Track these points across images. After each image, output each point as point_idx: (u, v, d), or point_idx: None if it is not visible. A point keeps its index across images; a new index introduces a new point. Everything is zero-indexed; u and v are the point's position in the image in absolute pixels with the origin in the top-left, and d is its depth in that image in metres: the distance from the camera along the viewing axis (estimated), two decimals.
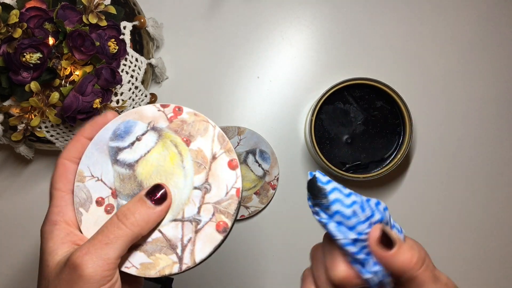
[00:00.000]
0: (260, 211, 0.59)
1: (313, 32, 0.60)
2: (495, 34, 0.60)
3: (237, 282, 0.59)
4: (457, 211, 0.60)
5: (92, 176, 0.36)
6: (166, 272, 0.35)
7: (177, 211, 0.35)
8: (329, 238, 0.32)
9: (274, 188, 0.59)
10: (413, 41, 0.60)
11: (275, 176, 0.59)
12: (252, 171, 0.58)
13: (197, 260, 0.35)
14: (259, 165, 0.58)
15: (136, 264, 0.35)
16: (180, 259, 0.35)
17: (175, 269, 0.34)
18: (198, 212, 0.35)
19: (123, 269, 0.34)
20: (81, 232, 0.35)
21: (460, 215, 0.60)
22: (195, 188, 0.36)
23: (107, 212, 0.36)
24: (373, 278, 0.30)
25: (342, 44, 0.60)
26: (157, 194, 0.35)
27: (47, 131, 0.51)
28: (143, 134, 0.36)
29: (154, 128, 0.37)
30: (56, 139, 0.52)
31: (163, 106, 0.37)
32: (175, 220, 0.35)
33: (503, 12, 0.61)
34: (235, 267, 0.59)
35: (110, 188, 0.36)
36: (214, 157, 0.36)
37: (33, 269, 0.59)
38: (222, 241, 0.35)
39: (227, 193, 0.35)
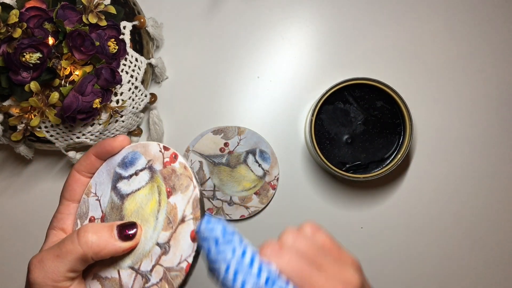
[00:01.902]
0: (260, 211, 0.59)
1: (313, 32, 0.60)
2: (495, 34, 0.60)
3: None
4: (457, 211, 0.60)
5: (95, 194, 0.37)
6: None
7: (137, 260, 0.34)
8: None
9: (274, 188, 0.59)
10: (413, 41, 0.60)
11: (275, 176, 0.59)
12: (252, 171, 0.58)
13: None
14: (259, 165, 0.58)
15: None
16: None
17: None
18: (151, 271, 0.34)
19: None
20: None
21: (460, 215, 0.60)
22: (157, 244, 0.34)
23: None
24: None
25: (342, 44, 0.60)
26: (127, 231, 0.34)
27: (47, 131, 0.51)
28: (141, 170, 0.36)
29: (150, 168, 0.36)
30: (56, 139, 0.52)
31: (165, 148, 0.36)
32: (132, 268, 0.34)
33: (504, 12, 0.60)
34: None
35: (102, 212, 0.36)
36: (183, 220, 0.34)
37: None
38: None
39: (178, 263, 0.33)
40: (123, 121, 0.54)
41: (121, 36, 0.51)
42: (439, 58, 0.60)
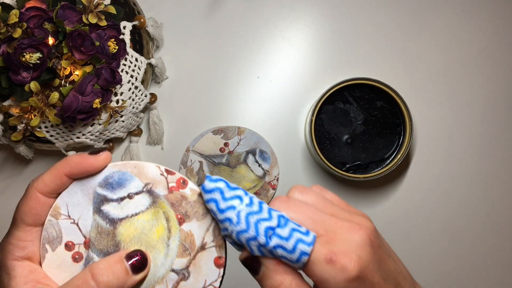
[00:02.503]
0: None
1: (313, 32, 0.60)
2: (495, 34, 0.60)
3: (237, 282, 0.59)
4: (457, 211, 0.60)
5: (69, 217, 0.33)
6: None
7: (146, 287, 0.33)
8: None
9: (274, 188, 0.59)
10: (413, 41, 0.60)
11: (275, 176, 0.59)
12: (252, 171, 0.58)
13: None
14: (259, 165, 0.58)
15: None
16: None
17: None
18: None
19: None
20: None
21: (460, 215, 0.60)
22: (173, 270, 0.33)
23: (74, 259, 0.33)
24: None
25: (342, 44, 0.60)
26: (137, 261, 0.32)
27: (47, 131, 0.51)
28: (136, 194, 0.33)
29: (150, 192, 0.33)
30: (56, 139, 0.52)
31: (168, 172, 0.34)
32: None
33: (503, 12, 0.60)
34: (234, 267, 0.59)
35: (84, 236, 0.33)
36: (203, 247, 0.33)
37: None
38: None
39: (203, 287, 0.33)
40: (123, 121, 0.54)
41: (121, 36, 0.51)
42: (439, 58, 0.60)
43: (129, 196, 0.33)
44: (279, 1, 0.60)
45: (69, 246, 0.33)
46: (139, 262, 0.32)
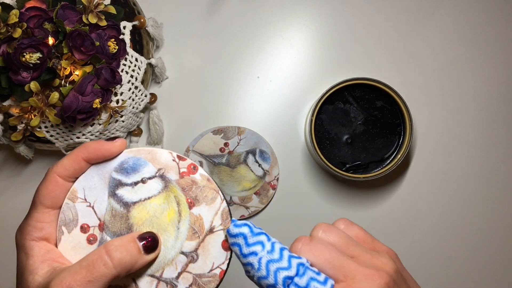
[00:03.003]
0: (260, 211, 0.59)
1: (313, 32, 0.60)
2: (495, 34, 0.60)
3: (237, 282, 0.59)
4: (457, 211, 0.60)
5: (85, 200, 0.35)
6: None
7: (157, 268, 0.34)
8: None
9: (274, 188, 0.59)
10: (413, 41, 0.60)
11: (275, 176, 0.59)
12: (252, 171, 0.58)
13: None
14: (259, 165, 0.58)
15: None
16: None
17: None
18: (177, 278, 0.34)
19: None
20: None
21: (460, 215, 0.60)
22: (182, 253, 0.35)
23: (89, 241, 0.34)
24: None
25: (342, 44, 0.60)
26: (148, 241, 0.33)
27: (47, 131, 0.51)
28: (149, 178, 0.35)
29: (162, 177, 0.35)
30: (56, 139, 0.52)
31: (180, 158, 0.35)
32: (152, 275, 0.34)
33: (503, 13, 0.60)
34: (234, 267, 0.59)
35: (99, 219, 0.34)
36: (211, 230, 0.35)
37: None
38: None
39: (211, 270, 0.35)
40: (123, 121, 0.54)
41: (121, 36, 0.51)
42: (439, 58, 0.60)
43: (143, 181, 0.35)
44: (279, 1, 0.60)
45: (84, 229, 0.35)
46: (151, 243, 0.33)
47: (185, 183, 0.35)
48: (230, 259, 0.35)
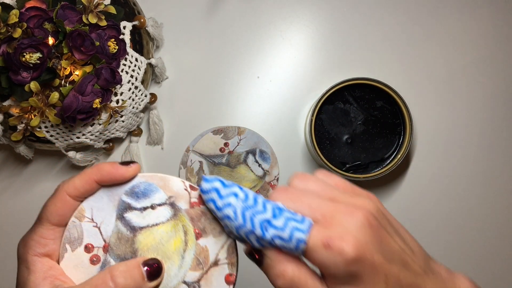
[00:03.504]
0: None
1: (313, 32, 0.60)
2: (495, 34, 0.60)
3: (237, 282, 0.59)
4: (457, 211, 0.60)
5: (92, 220, 0.34)
6: None
7: None
8: None
9: (274, 188, 0.59)
10: (413, 41, 0.60)
11: (275, 176, 0.59)
12: (252, 171, 0.58)
13: None
14: (259, 165, 0.58)
15: None
16: None
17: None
18: None
19: None
20: None
21: (460, 215, 0.60)
22: (184, 282, 0.34)
23: (92, 262, 0.34)
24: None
25: (342, 44, 0.60)
26: (153, 268, 0.33)
27: (47, 131, 0.51)
28: (159, 205, 0.34)
29: (172, 205, 0.35)
30: (56, 139, 0.52)
31: (192, 188, 0.35)
32: None
33: (503, 13, 0.60)
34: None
35: (104, 241, 0.34)
36: (216, 263, 0.35)
37: None
38: None
39: None
40: (123, 121, 0.54)
41: (121, 36, 0.51)
42: (439, 58, 0.60)
43: (152, 207, 0.34)
44: (279, 1, 0.60)
45: (88, 248, 0.34)
46: (155, 270, 0.33)
47: (195, 213, 0.35)
48: None
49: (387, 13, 0.60)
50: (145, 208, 0.34)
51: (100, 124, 0.52)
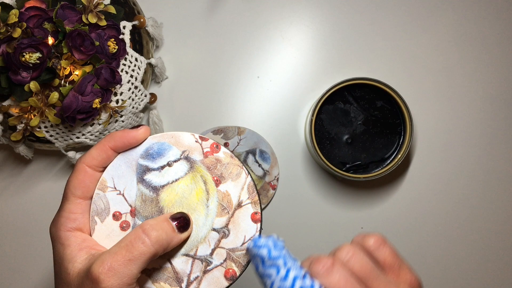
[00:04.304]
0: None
1: (313, 32, 0.60)
2: (495, 34, 0.60)
3: (237, 282, 0.59)
4: (457, 211, 0.59)
5: (115, 188, 0.36)
6: None
7: (191, 247, 0.35)
8: None
9: (274, 188, 0.59)
10: (414, 41, 0.60)
11: (275, 176, 0.59)
12: (252, 171, 0.58)
13: None
14: (259, 165, 0.58)
15: (140, 286, 0.35)
16: None
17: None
18: (211, 254, 0.35)
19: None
20: None
21: (460, 214, 0.59)
22: (214, 230, 0.36)
23: (122, 228, 0.36)
24: None
25: (342, 44, 0.60)
26: (181, 221, 0.34)
27: (47, 131, 0.51)
28: (175, 161, 0.36)
29: (187, 158, 0.36)
30: (56, 139, 0.52)
31: (202, 138, 0.36)
32: (187, 255, 0.35)
33: (504, 13, 0.60)
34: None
35: (130, 206, 0.36)
36: (239, 205, 0.36)
37: (32, 269, 0.59)
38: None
39: (243, 243, 0.36)
40: (123, 121, 0.54)
41: (121, 36, 0.51)
42: (439, 58, 0.60)
43: (169, 164, 0.36)
44: (279, 1, 0.60)
45: (116, 216, 0.36)
46: (183, 223, 0.34)
47: (210, 162, 0.36)
48: (261, 230, 0.36)
49: (387, 13, 0.60)
50: (162, 167, 0.36)
51: (100, 124, 0.52)
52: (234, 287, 0.37)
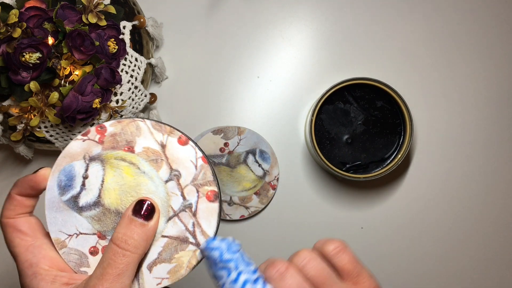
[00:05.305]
0: (260, 211, 0.59)
1: (313, 32, 0.60)
2: (496, 34, 0.60)
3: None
4: (457, 211, 0.59)
5: (70, 236, 0.35)
6: (194, 262, 0.35)
7: (166, 211, 0.35)
8: None
9: (274, 188, 0.59)
10: (414, 41, 0.60)
11: (275, 176, 0.58)
12: (252, 171, 0.58)
13: (211, 234, 0.35)
14: (259, 165, 0.58)
15: (164, 276, 0.35)
16: (197, 244, 0.35)
17: (199, 255, 0.35)
18: (184, 199, 0.35)
19: (156, 286, 0.35)
20: None
21: (460, 215, 0.59)
22: (166, 181, 0.35)
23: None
24: None
25: (342, 44, 0.60)
26: (143, 209, 0.34)
27: (47, 131, 0.51)
28: (86, 170, 0.35)
29: (92, 158, 0.35)
30: (56, 139, 0.52)
31: (84, 134, 0.36)
32: (169, 219, 0.35)
33: (503, 12, 0.60)
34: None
35: (95, 233, 0.35)
36: (163, 146, 0.35)
37: None
38: (220, 207, 0.35)
39: (196, 166, 0.35)
40: None
41: (121, 36, 0.51)
42: (439, 58, 0.60)
43: (84, 177, 0.35)
44: (279, 1, 0.60)
45: (93, 252, 0.35)
46: (146, 210, 0.34)
47: (109, 142, 0.35)
48: (197, 145, 0.36)
49: (387, 13, 0.60)
50: (83, 184, 0.35)
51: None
52: None
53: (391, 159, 0.55)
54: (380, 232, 0.59)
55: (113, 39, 0.49)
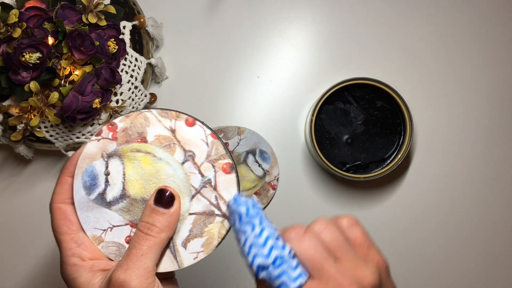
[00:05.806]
0: None
1: (313, 32, 0.60)
2: (496, 34, 0.60)
3: (238, 282, 0.59)
4: (457, 211, 0.59)
5: (105, 230, 0.37)
6: (223, 232, 0.37)
7: (188, 190, 0.37)
8: None
9: (274, 188, 0.59)
10: (414, 41, 0.60)
11: (275, 176, 0.59)
12: (252, 171, 0.58)
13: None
14: (259, 165, 0.58)
15: (199, 250, 0.36)
16: (223, 215, 0.37)
17: (227, 224, 0.37)
18: (202, 176, 0.37)
19: (193, 260, 0.36)
20: None
21: (460, 215, 0.59)
22: (183, 163, 0.37)
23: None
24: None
25: (342, 44, 0.60)
26: (164, 198, 0.35)
27: (47, 131, 0.51)
28: (107, 168, 0.37)
29: (109, 155, 0.37)
30: (56, 139, 0.52)
31: (98, 134, 0.37)
32: (193, 197, 0.37)
33: (504, 12, 0.60)
34: (235, 267, 0.59)
35: (127, 223, 0.37)
36: (172, 131, 0.37)
37: (31, 269, 0.59)
38: (237, 176, 0.37)
39: (207, 143, 0.37)
40: None
41: (121, 36, 0.51)
42: (439, 58, 0.60)
43: (107, 174, 0.37)
44: (279, 1, 0.60)
45: (129, 241, 0.37)
46: (166, 196, 0.35)
47: (122, 138, 0.37)
48: (204, 124, 0.38)
49: (387, 13, 0.60)
50: (107, 181, 0.37)
51: (100, 124, 0.52)
52: None
53: (391, 159, 0.55)
54: (380, 232, 0.59)
55: (113, 39, 0.49)
